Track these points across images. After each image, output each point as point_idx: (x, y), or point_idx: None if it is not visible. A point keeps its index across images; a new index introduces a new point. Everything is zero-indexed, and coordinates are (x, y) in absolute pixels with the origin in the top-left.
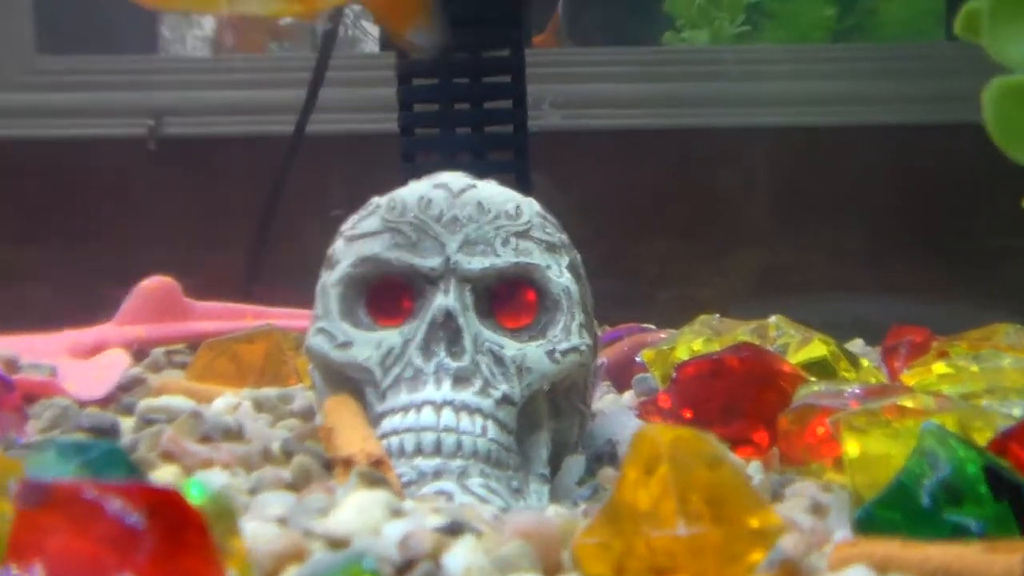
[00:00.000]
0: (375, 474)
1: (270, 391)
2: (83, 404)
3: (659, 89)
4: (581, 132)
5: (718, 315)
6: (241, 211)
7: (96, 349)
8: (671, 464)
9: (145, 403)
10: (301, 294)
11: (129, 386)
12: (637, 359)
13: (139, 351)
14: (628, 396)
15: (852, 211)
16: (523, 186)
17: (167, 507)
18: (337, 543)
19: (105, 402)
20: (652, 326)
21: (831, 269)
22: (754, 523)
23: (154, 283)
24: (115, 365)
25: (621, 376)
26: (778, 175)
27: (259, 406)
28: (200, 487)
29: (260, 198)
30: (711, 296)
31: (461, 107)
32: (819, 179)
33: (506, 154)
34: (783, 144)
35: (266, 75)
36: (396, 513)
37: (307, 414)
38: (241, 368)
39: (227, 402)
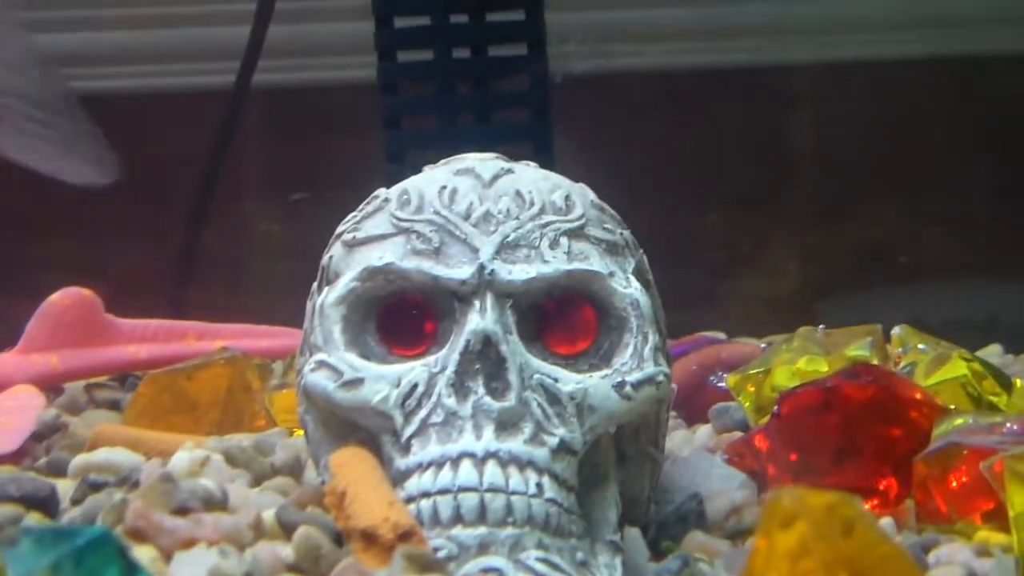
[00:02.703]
0: (425, 555)
1: (241, 439)
2: None
3: (718, 16)
4: (616, 74)
5: (823, 326)
6: (167, 192)
7: None
8: (811, 525)
9: (81, 459)
10: (247, 301)
11: (44, 434)
12: (712, 381)
13: (51, 387)
14: (704, 432)
15: (979, 169)
16: (543, 157)
17: None
18: None
19: (17, 457)
20: (721, 334)
21: (955, 248)
22: None
23: (68, 298)
24: (27, 408)
25: (692, 405)
26: (878, 122)
27: (231, 460)
28: None
29: (192, 174)
30: (793, 289)
31: (460, 54)
32: (933, 126)
33: (519, 114)
34: (884, 81)
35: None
36: None
37: (294, 470)
38: (195, 408)
39: (190, 456)
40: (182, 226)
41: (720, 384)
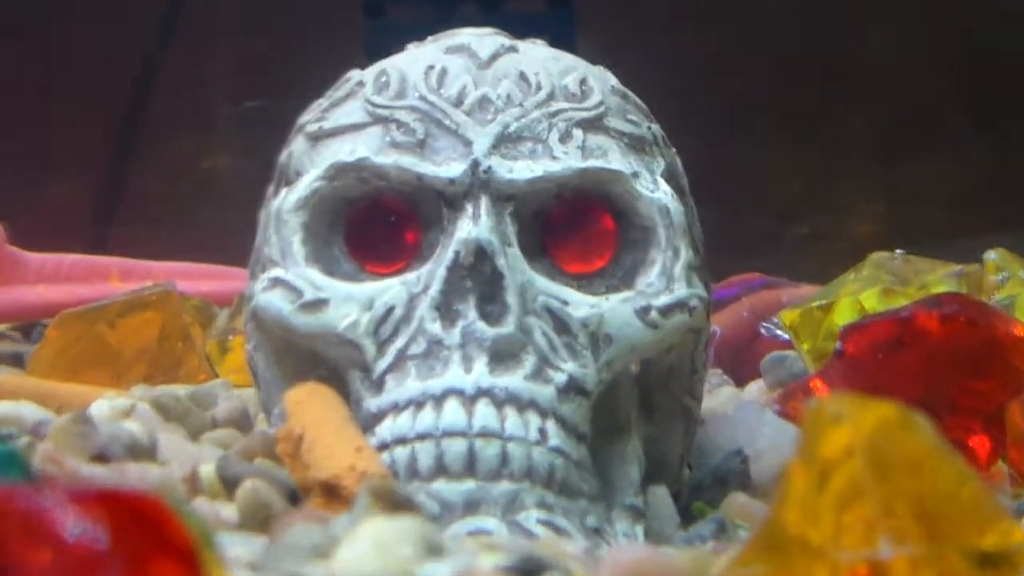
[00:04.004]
0: (397, 492)
1: (175, 389)
2: None
3: None
4: None
5: (900, 251)
6: (90, 100)
7: None
8: (867, 457)
9: None
10: (185, 237)
11: None
12: (766, 329)
13: None
14: (754, 388)
15: None
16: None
17: (142, 519)
18: None
19: None
20: (783, 280)
21: None
22: (989, 542)
23: None
24: None
25: (741, 358)
26: (978, 31)
27: (163, 412)
28: None
29: (120, 85)
30: (872, 232)
31: None
32: None
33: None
34: None
35: None
36: (433, 550)
37: (240, 423)
38: (117, 360)
39: (111, 406)
40: (108, 144)
41: (779, 333)
